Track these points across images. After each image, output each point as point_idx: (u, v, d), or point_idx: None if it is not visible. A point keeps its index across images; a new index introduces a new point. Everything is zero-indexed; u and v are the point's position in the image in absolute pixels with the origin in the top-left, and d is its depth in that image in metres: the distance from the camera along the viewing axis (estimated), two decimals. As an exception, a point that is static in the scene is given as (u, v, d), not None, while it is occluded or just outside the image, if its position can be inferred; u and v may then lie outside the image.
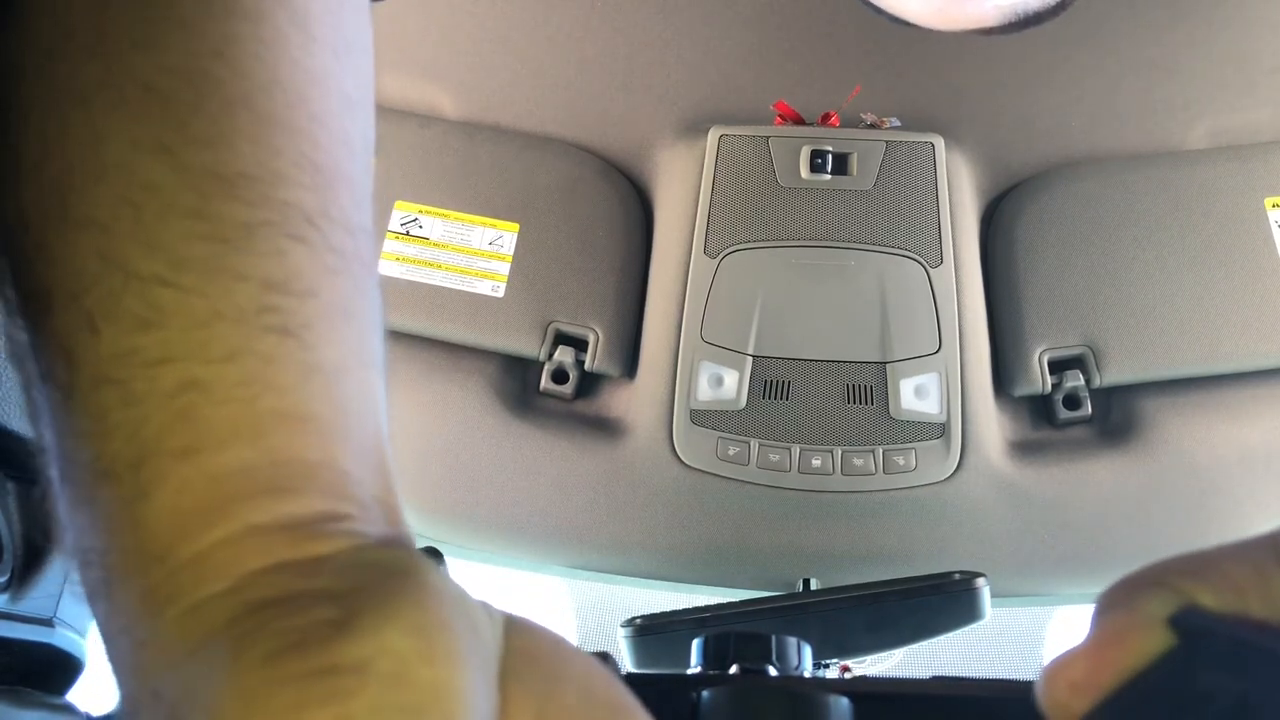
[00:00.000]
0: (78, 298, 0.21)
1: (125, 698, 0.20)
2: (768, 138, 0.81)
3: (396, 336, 0.80)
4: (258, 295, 0.22)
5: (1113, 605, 0.21)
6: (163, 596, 0.20)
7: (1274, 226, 0.80)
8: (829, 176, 0.80)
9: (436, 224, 0.83)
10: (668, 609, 0.54)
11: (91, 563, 0.21)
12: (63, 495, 0.22)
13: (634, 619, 0.54)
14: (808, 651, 0.37)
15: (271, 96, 0.24)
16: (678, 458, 0.77)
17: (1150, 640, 0.19)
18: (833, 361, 0.77)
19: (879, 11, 0.58)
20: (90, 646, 0.51)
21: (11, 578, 0.44)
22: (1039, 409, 0.81)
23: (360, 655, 0.17)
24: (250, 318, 0.22)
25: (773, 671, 0.35)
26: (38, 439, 0.23)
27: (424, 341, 0.80)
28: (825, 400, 0.76)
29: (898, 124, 0.83)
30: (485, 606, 0.21)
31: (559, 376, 0.80)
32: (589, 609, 1.39)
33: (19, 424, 0.43)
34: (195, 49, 0.24)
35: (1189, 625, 0.19)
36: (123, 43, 0.23)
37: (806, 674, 0.37)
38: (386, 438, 0.24)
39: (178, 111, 0.23)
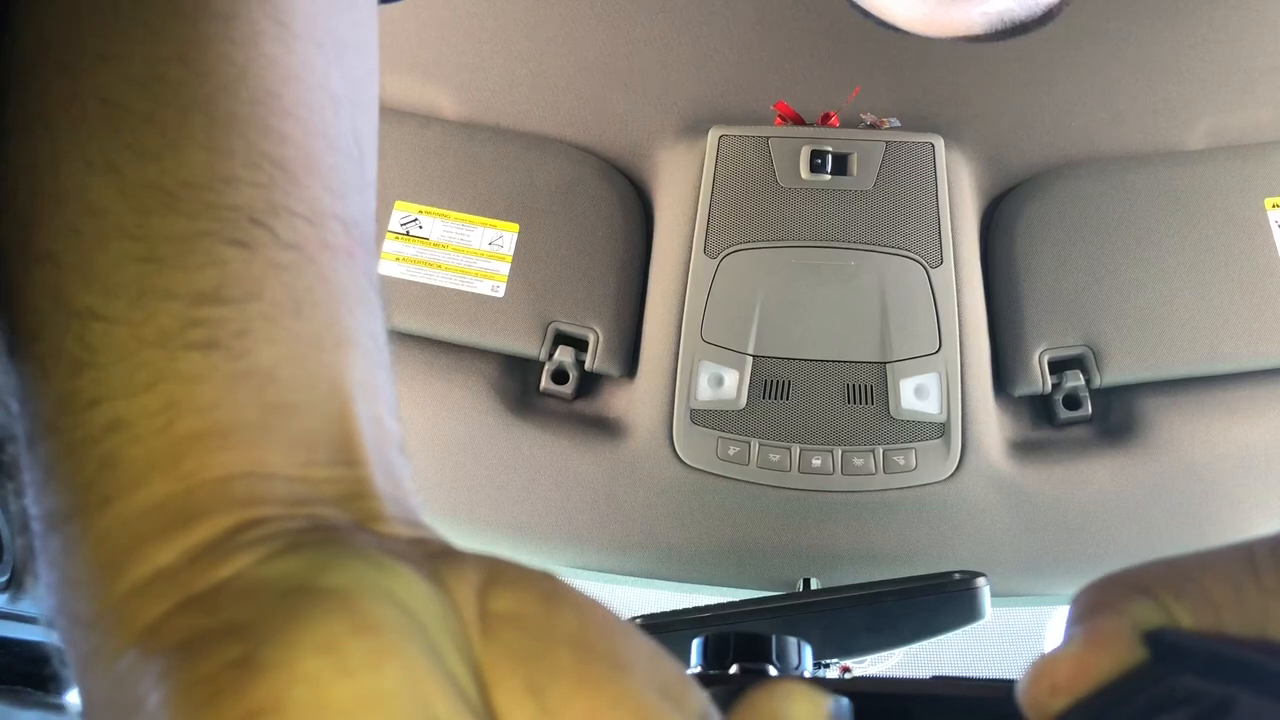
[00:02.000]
0: (33, 341, 0.21)
1: None
2: (768, 138, 0.81)
3: (396, 336, 0.79)
4: (184, 312, 0.21)
5: (1096, 608, 0.21)
6: (87, 661, 0.19)
7: (1274, 226, 0.80)
8: (829, 177, 0.80)
9: (436, 224, 0.83)
10: (668, 609, 0.54)
11: (53, 624, 0.21)
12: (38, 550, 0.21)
13: (634, 619, 0.54)
14: (808, 651, 0.37)
15: (235, 96, 0.23)
16: (678, 457, 0.77)
17: (1132, 649, 0.20)
18: (833, 361, 0.77)
19: (866, 15, 0.58)
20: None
21: (11, 577, 0.44)
22: (1039, 409, 0.81)
23: (272, 693, 0.16)
24: (173, 338, 0.21)
25: (773, 671, 0.35)
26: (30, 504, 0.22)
27: (424, 341, 0.80)
28: (825, 400, 0.76)
29: (898, 124, 0.83)
30: (447, 569, 0.19)
31: (559, 376, 0.80)
32: (589, 609, 1.38)
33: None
34: (159, 56, 0.23)
35: (1163, 642, 0.20)
36: (90, 55, 0.23)
37: (806, 674, 0.37)
38: (368, 409, 0.23)
39: (130, 125, 0.22)
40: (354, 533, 0.20)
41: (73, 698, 0.49)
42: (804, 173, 0.80)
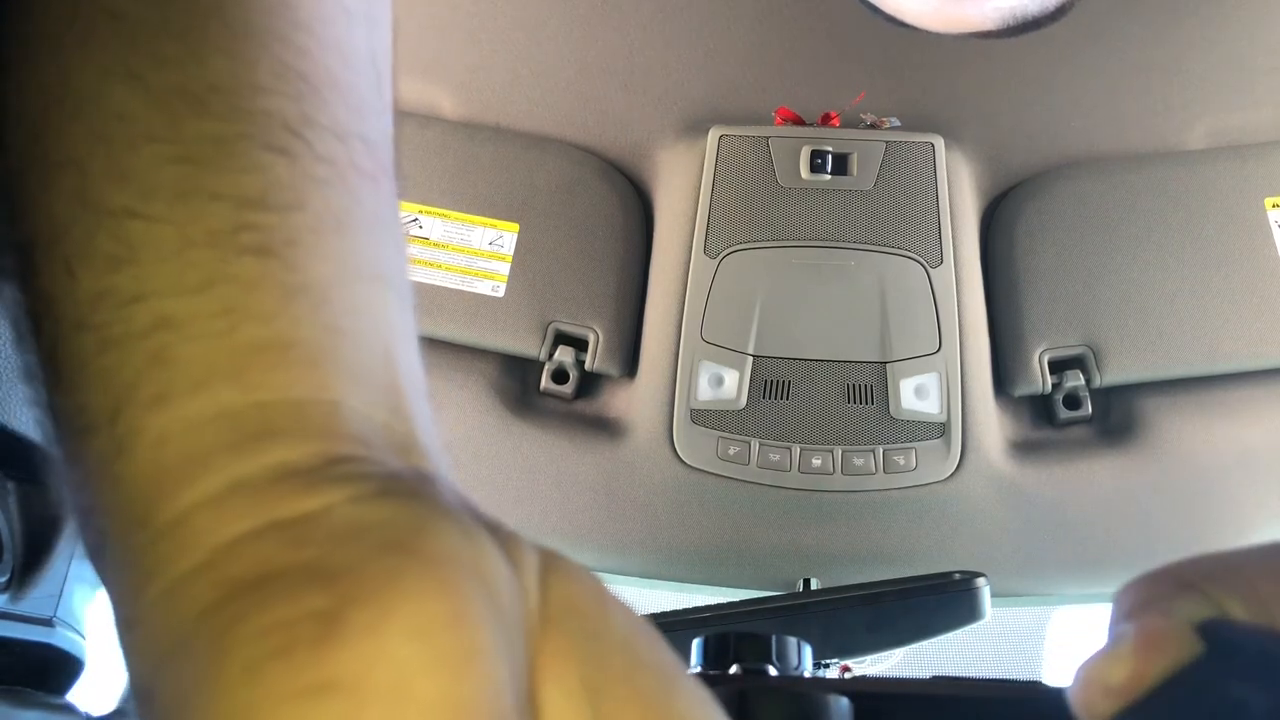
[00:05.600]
0: (57, 243, 0.20)
1: (130, 686, 0.18)
2: (768, 138, 0.81)
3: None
4: (233, 215, 0.20)
5: (1144, 606, 0.21)
6: (145, 569, 0.18)
7: (1274, 226, 0.80)
8: (829, 176, 0.80)
9: (436, 224, 0.83)
10: (668, 609, 0.54)
11: (87, 524, 0.20)
12: (58, 454, 0.20)
13: (634, 619, 0.54)
14: (808, 651, 0.37)
15: (248, 5, 0.22)
16: (678, 457, 0.77)
17: (1186, 646, 0.20)
18: (833, 361, 0.77)
19: (876, 11, 0.58)
20: (90, 646, 0.51)
21: (11, 578, 0.44)
22: (1039, 409, 0.81)
23: (354, 667, 0.15)
24: (225, 240, 0.20)
25: (773, 671, 0.35)
26: (34, 398, 0.21)
27: (424, 341, 0.80)
28: (825, 400, 0.76)
29: (898, 124, 0.83)
30: (513, 549, 0.18)
31: (559, 376, 0.80)
32: (589, 609, 1.38)
33: (19, 424, 0.43)
34: None
35: (1218, 635, 0.19)
36: None
37: (806, 674, 0.37)
38: (403, 352, 0.22)
39: (144, 33, 0.21)
40: (438, 490, 0.19)
41: (73, 697, 0.49)
42: (804, 173, 0.80)
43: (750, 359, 0.77)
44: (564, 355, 0.79)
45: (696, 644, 0.37)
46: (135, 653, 0.18)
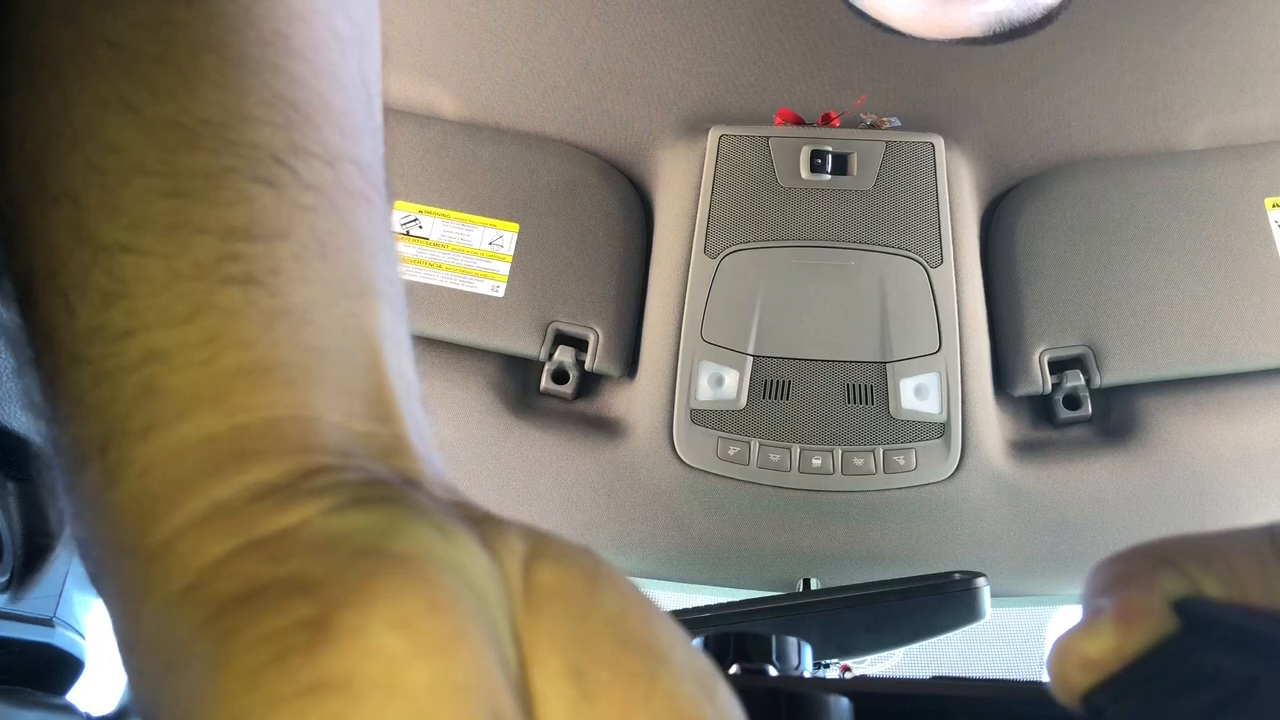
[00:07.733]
0: (54, 277, 0.21)
1: (135, 706, 0.19)
2: (768, 138, 0.81)
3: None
4: (218, 246, 0.21)
5: (1123, 581, 0.21)
6: (137, 594, 0.18)
7: (1274, 226, 0.80)
8: (829, 176, 0.80)
9: (436, 224, 0.83)
10: (668, 609, 0.54)
11: (86, 552, 0.20)
12: (58, 481, 0.21)
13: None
14: (808, 651, 0.37)
15: (243, 36, 0.23)
16: (678, 457, 0.77)
17: (1163, 622, 0.20)
18: (833, 361, 0.77)
19: (863, 17, 0.58)
20: (90, 646, 0.51)
21: (11, 578, 0.44)
22: (1039, 409, 0.81)
23: (345, 665, 0.15)
24: (210, 272, 0.20)
25: (773, 671, 0.35)
26: (37, 429, 0.22)
27: (424, 341, 0.80)
28: (825, 400, 0.76)
29: (898, 124, 0.83)
30: (496, 538, 0.19)
31: (559, 376, 0.80)
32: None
33: (19, 424, 0.43)
34: None
35: (1192, 612, 0.20)
36: (94, 4, 0.23)
37: (806, 674, 0.37)
38: (393, 361, 0.23)
39: (142, 66, 0.22)
40: (412, 492, 0.20)
41: (73, 697, 0.49)
42: (804, 173, 0.80)
43: (750, 359, 0.77)
44: (564, 355, 0.79)
45: (696, 644, 0.37)
46: (137, 673, 0.18)
